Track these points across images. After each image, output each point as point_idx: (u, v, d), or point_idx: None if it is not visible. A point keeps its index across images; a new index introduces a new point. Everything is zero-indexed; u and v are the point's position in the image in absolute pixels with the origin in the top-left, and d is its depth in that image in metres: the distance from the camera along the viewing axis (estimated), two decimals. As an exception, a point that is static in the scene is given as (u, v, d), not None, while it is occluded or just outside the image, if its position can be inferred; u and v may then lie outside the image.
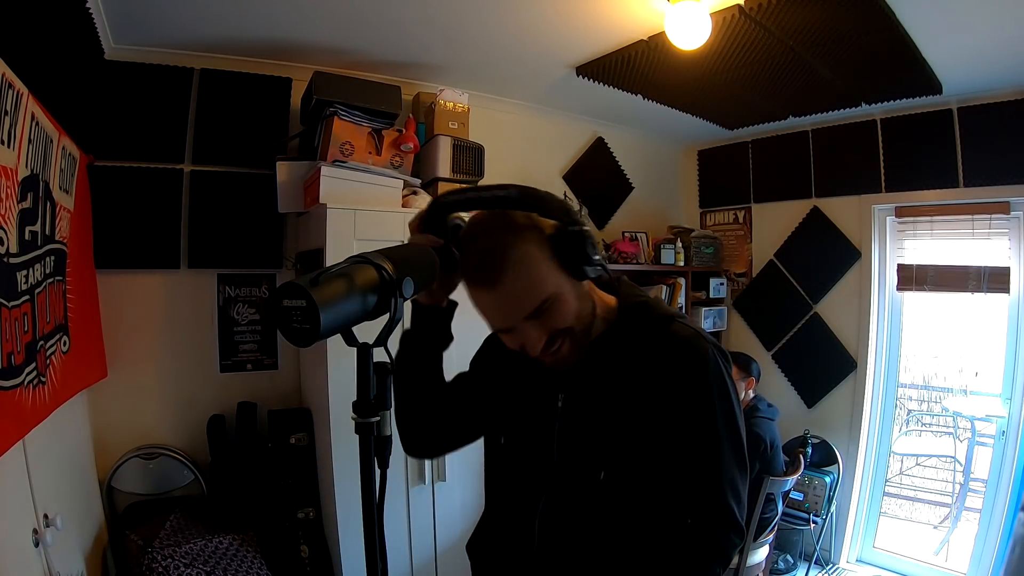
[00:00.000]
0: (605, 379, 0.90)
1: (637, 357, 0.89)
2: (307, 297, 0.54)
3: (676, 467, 0.86)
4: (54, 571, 1.38)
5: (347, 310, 0.58)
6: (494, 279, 0.81)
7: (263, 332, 2.37)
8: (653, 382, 0.87)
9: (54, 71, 1.47)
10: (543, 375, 0.94)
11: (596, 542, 0.89)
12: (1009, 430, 2.67)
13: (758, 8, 1.83)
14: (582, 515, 0.90)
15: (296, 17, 1.98)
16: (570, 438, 0.92)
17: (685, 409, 0.86)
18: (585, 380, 0.92)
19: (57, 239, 1.53)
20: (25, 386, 1.23)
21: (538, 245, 0.83)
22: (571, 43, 2.23)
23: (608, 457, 0.88)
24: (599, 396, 0.91)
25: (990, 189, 2.67)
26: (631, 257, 3.12)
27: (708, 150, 3.81)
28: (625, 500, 0.88)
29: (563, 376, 0.93)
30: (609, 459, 0.88)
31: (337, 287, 0.58)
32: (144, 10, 1.87)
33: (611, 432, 0.89)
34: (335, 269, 0.60)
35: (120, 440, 2.11)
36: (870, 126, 3.01)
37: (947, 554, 2.98)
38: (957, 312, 3.04)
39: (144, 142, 2.15)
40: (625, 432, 0.88)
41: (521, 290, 0.81)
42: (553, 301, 0.83)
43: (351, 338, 0.62)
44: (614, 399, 0.89)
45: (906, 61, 2.24)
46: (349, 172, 2.03)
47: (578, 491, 0.90)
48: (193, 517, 1.99)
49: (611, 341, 0.91)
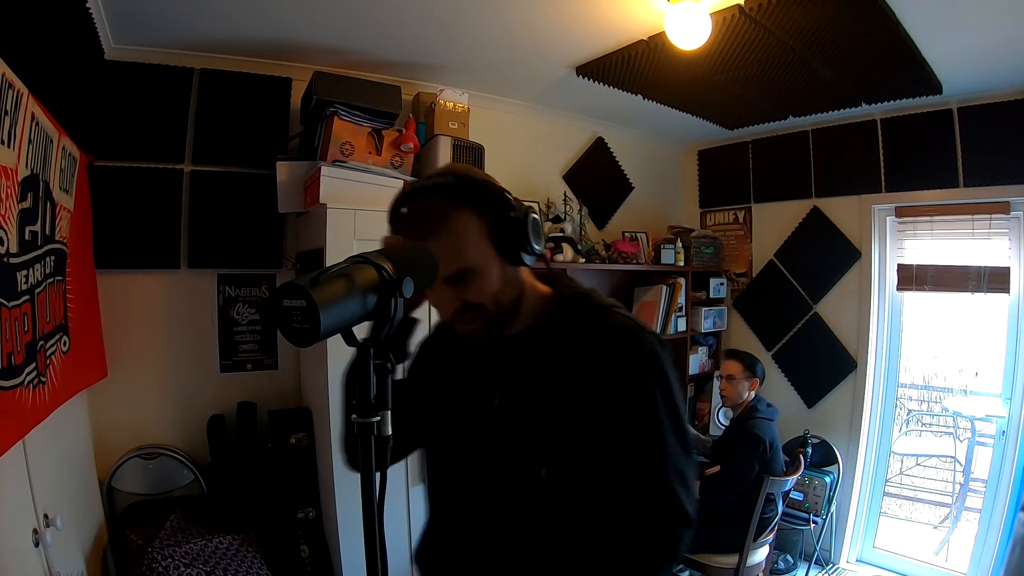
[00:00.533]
0: (541, 372, 0.89)
1: (574, 348, 0.87)
2: (307, 297, 0.54)
3: (619, 458, 0.85)
4: (54, 571, 1.38)
5: (347, 310, 0.58)
6: (423, 235, 0.82)
7: (263, 332, 2.37)
8: (591, 373, 0.85)
9: (54, 71, 1.47)
10: (478, 375, 0.94)
11: (541, 542, 0.87)
12: (1009, 430, 2.67)
13: (758, 8, 1.83)
14: (525, 515, 0.88)
15: (296, 17, 1.98)
16: (509, 436, 0.90)
17: (625, 398, 0.84)
18: (521, 376, 0.90)
19: (57, 239, 1.53)
20: (25, 386, 1.23)
21: (475, 218, 0.84)
22: (571, 43, 2.23)
23: (548, 453, 0.86)
24: (536, 390, 0.89)
25: (990, 189, 2.67)
26: (631, 257, 3.12)
27: (708, 150, 3.80)
28: (568, 496, 0.86)
29: (499, 373, 0.92)
30: (550, 455, 0.86)
31: (337, 287, 0.58)
32: (144, 10, 1.87)
33: (550, 427, 0.86)
34: (335, 269, 0.60)
35: (120, 440, 2.11)
36: (870, 126, 3.01)
37: (947, 554, 2.98)
38: (957, 312, 3.04)
39: (144, 142, 2.15)
40: (565, 426, 0.86)
41: (444, 251, 0.81)
42: (473, 273, 0.84)
43: (351, 338, 0.62)
44: (552, 392, 0.87)
45: (906, 61, 2.24)
46: (349, 172, 2.03)
47: (520, 490, 0.88)
48: (193, 517, 1.99)
49: (546, 332, 0.90)
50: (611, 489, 0.85)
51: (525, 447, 0.88)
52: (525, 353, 0.90)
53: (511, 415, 0.90)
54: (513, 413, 0.90)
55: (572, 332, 0.88)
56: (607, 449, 0.85)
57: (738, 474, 2.43)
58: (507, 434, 0.90)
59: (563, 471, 0.85)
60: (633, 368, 0.85)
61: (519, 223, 0.85)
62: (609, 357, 0.85)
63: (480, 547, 0.92)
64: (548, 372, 0.88)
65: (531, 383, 0.89)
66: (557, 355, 0.88)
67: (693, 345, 3.48)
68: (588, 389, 0.85)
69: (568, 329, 0.89)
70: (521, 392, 0.90)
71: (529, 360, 0.90)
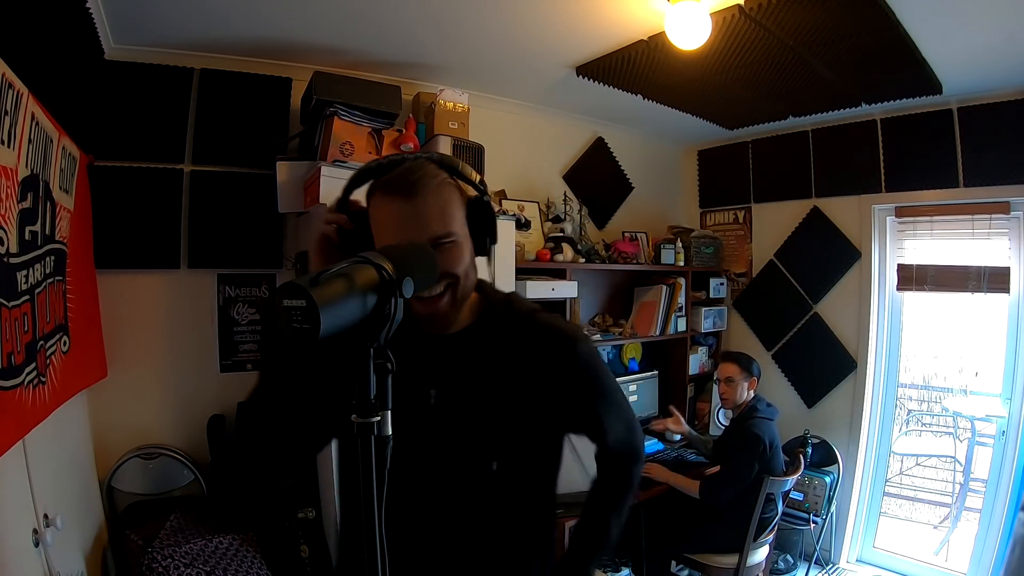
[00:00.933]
0: (482, 370, 0.92)
1: (510, 346, 0.93)
2: (307, 297, 0.54)
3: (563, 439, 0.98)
4: (54, 571, 1.38)
5: (347, 310, 0.58)
6: (414, 191, 0.83)
7: (263, 332, 2.37)
8: (530, 366, 0.93)
9: (54, 71, 1.47)
10: (411, 373, 0.86)
11: (491, 531, 0.92)
12: (1009, 430, 2.67)
13: (758, 8, 1.83)
14: (473, 508, 0.91)
15: (296, 17, 1.98)
16: (449, 433, 0.91)
17: (566, 383, 0.94)
18: (460, 374, 0.92)
19: (57, 239, 1.53)
20: (25, 386, 1.23)
21: (458, 194, 0.89)
22: (571, 43, 2.23)
23: (498, 446, 0.91)
24: (475, 387, 0.91)
25: (990, 189, 2.67)
26: (631, 257, 3.12)
27: (708, 150, 3.81)
28: (519, 483, 0.93)
29: (434, 371, 0.92)
30: (499, 448, 0.91)
31: (337, 287, 0.58)
32: (144, 10, 1.87)
33: (496, 421, 0.91)
34: (335, 269, 0.60)
35: (120, 440, 2.11)
36: (870, 126, 3.01)
37: (947, 554, 2.98)
38: (957, 312, 3.04)
39: (144, 142, 2.15)
40: (510, 418, 0.91)
41: (435, 210, 0.84)
42: (455, 241, 0.86)
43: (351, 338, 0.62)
44: (492, 389, 0.91)
45: (906, 61, 2.24)
46: (349, 172, 2.01)
47: (467, 486, 0.91)
48: (193, 517, 1.99)
49: (481, 332, 0.94)
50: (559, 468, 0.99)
51: (473, 443, 0.91)
52: (463, 352, 0.93)
53: (449, 412, 0.91)
54: (451, 410, 0.91)
55: (507, 331, 0.94)
56: (553, 437, 0.98)
57: (737, 474, 2.43)
58: (448, 431, 0.91)
59: (514, 462, 0.92)
60: (568, 356, 0.95)
61: (491, 211, 0.90)
62: (545, 350, 0.94)
63: (423, 549, 0.90)
64: (486, 369, 0.92)
65: (473, 381, 0.92)
66: (494, 353, 0.93)
67: (693, 345, 3.48)
68: (529, 381, 0.92)
69: (503, 329, 0.94)
70: (461, 390, 0.91)
71: (467, 359, 0.92)
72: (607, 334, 3.04)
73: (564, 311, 2.72)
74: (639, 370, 3.28)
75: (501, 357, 0.93)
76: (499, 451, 0.91)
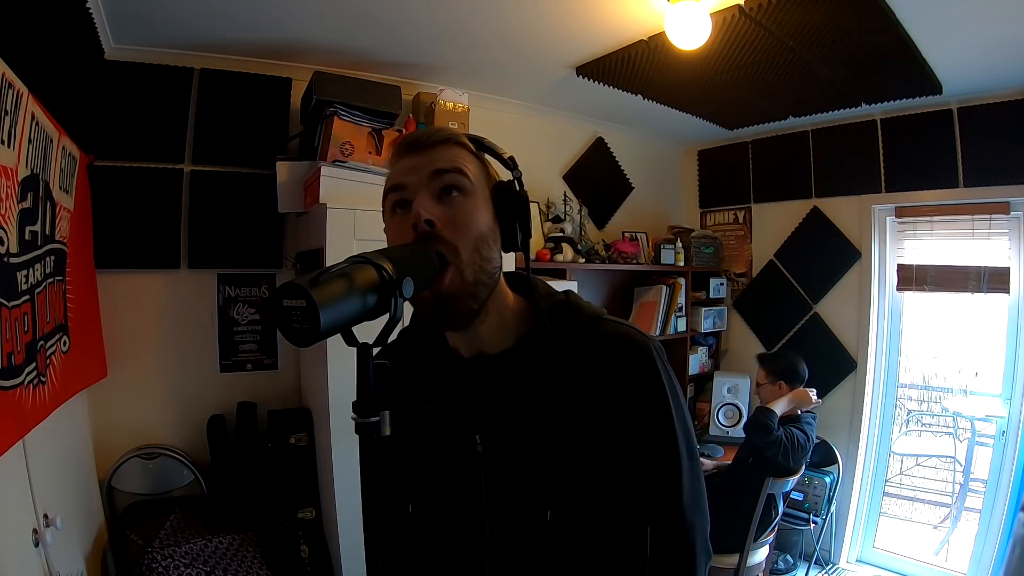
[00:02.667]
0: (532, 402, 0.74)
1: (568, 367, 0.75)
2: (307, 297, 0.54)
3: (633, 485, 0.74)
4: (54, 571, 1.38)
5: (347, 310, 0.58)
6: (427, 145, 0.74)
7: (263, 332, 2.37)
8: (594, 393, 0.74)
9: (54, 71, 1.47)
10: (451, 419, 0.78)
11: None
12: (1009, 430, 2.67)
13: (758, 8, 1.83)
14: (532, 567, 0.74)
15: (296, 17, 1.98)
16: (500, 483, 0.75)
17: (638, 416, 0.74)
18: (508, 409, 0.75)
19: (57, 239, 1.53)
20: (25, 386, 1.23)
21: (483, 170, 0.77)
22: (571, 43, 2.23)
23: (552, 492, 0.73)
24: (526, 424, 0.74)
25: (990, 189, 2.68)
26: (631, 257, 3.12)
27: (708, 150, 3.81)
28: (577, 537, 0.74)
29: (475, 410, 0.77)
30: (554, 494, 0.73)
31: (337, 287, 0.58)
32: (144, 10, 1.87)
33: (550, 463, 0.74)
34: (335, 269, 0.60)
35: (120, 440, 2.11)
36: (870, 126, 3.01)
37: (947, 554, 2.98)
38: (957, 312, 3.04)
39: (144, 142, 2.15)
40: (567, 458, 0.73)
41: (444, 157, 0.73)
42: (465, 188, 0.72)
43: (351, 338, 0.62)
44: (546, 423, 0.74)
45: (906, 61, 2.24)
46: (349, 172, 2.03)
47: (523, 541, 0.74)
48: (193, 517, 1.99)
49: (531, 351, 0.76)
50: (627, 524, 0.75)
51: (522, 492, 0.74)
52: (509, 380, 0.76)
53: (499, 458, 0.75)
54: (501, 456, 0.75)
55: (564, 352, 0.76)
56: (619, 474, 0.74)
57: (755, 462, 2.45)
58: (498, 481, 0.75)
59: (570, 509, 0.73)
60: (643, 381, 0.75)
61: (523, 195, 0.75)
62: (613, 372, 0.75)
63: None
64: (543, 401, 0.74)
65: (524, 419, 0.74)
66: (551, 379, 0.75)
67: (693, 345, 3.48)
68: (592, 412, 0.74)
69: (560, 345, 0.76)
70: (507, 430, 0.75)
71: (515, 389, 0.75)
72: (607, 334, 3.04)
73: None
74: (639, 370, 3.28)
75: (557, 382, 0.74)
76: (554, 497, 0.73)
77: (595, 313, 0.82)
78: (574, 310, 0.80)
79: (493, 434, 0.75)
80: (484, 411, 0.76)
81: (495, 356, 0.77)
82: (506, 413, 0.75)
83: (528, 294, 0.80)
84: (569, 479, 0.73)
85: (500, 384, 0.76)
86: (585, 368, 0.75)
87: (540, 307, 0.77)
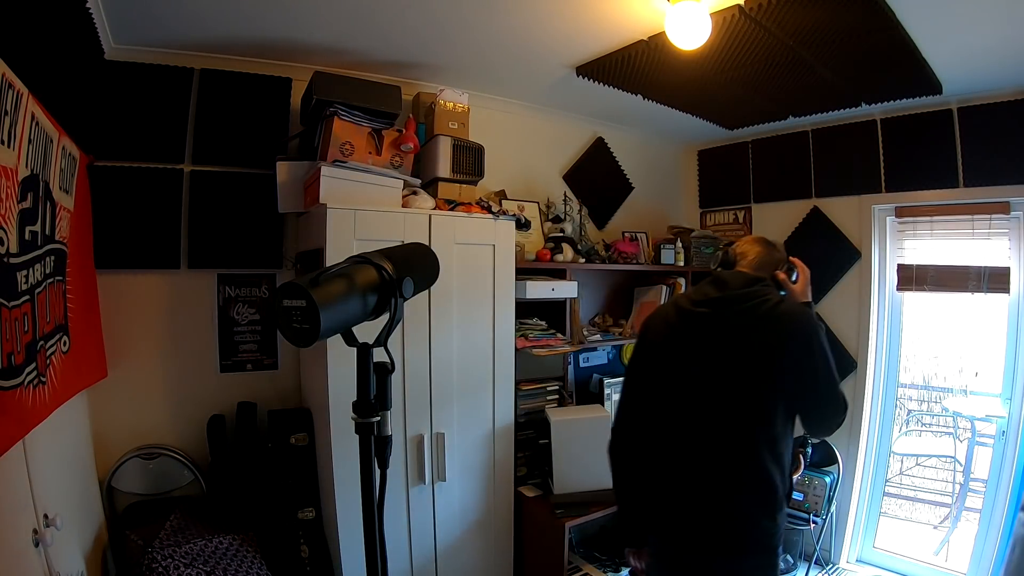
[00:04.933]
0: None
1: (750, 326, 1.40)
2: (307, 297, 0.54)
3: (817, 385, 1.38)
4: (54, 571, 1.38)
5: (347, 310, 0.58)
6: None
7: (263, 332, 2.37)
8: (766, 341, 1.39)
9: (54, 71, 1.47)
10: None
11: (734, 465, 1.39)
12: (1009, 430, 2.67)
13: (758, 8, 1.83)
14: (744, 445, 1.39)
15: (296, 17, 1.98)
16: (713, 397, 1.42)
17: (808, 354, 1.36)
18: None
19: (57, 239, 1.53)
20: (25, 386, 1.23)
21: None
22: (571, 43, 2.23)
23: (749, 399, 1.37)
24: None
25: (990, 189, 2.67)
26: (631, 257, 3.12)
27: (708, 150, 3.81)
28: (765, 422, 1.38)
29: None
30: (750, 401, 1.37)
31: (337, 287, 0.58)
32: (144, 10, 1.87)
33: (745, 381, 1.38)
34: (335, 269, 0.60)
35: (120, 440, 2.11)
36: (870, 126, 3.01)
37: (947, 554, 2.98)
38: (957, 312, 3.04)
39: (144, 142, 2.15)
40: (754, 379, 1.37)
41: None
42: None
43: (351, 338, 0.62)
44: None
45: (906, 61, 2.24)
46: (349, 172, 2.03)
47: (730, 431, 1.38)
48: (193, 517, 1.99)
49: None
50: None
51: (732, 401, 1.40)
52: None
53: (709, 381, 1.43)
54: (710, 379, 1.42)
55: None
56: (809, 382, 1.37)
57: None
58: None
59: (760, 408, 1.39)
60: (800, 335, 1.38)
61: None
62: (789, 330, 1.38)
63: (701, 476, 1.40)
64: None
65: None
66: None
67: (693, 345, 3.48)
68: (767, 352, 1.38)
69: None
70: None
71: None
72: (607, 334, 3.04)
73: (564, 311, 2.72)
74: (639, 370, 3.28)
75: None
76: (750, 403, 1.39)
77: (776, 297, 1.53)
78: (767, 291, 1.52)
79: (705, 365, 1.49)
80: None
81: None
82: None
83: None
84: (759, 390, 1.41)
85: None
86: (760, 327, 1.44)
87: None
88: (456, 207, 2.26)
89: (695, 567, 1.41)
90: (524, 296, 2.45)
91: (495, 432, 2.36)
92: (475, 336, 2.29)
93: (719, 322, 1.41)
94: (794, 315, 1.39)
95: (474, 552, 2.32)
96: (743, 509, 1.36)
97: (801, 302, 1.55)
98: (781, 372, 1.34)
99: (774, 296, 1.43)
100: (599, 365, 3.21)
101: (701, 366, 1.42)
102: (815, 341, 1.35)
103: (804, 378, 1.35)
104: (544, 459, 2.53)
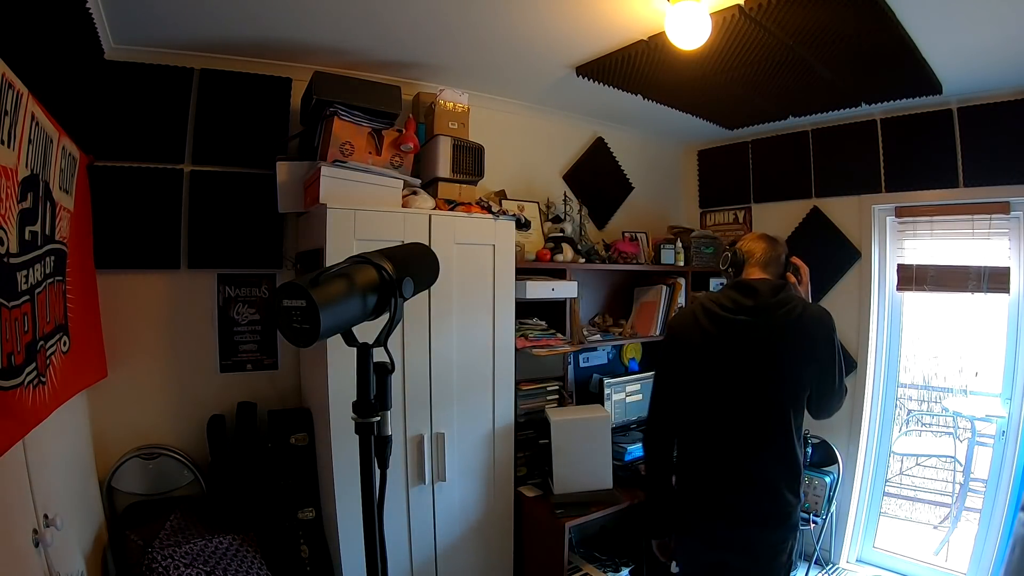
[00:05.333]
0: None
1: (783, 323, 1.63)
2: (307, 297, 0.54)
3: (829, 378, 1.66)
4: (54, 571, 1.38)
5: (347, 310, 0.58)
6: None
7: (263, 332, 2.37)
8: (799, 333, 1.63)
9: (54, 71, 1.47)
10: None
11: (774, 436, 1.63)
12: (1009, 430, 2.67)
13: (758, 8, 1.83)
14: (772, 421, 1.64)
15: (296, 17, 1.98)
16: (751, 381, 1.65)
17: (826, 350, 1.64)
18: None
19: (57, 239, 1.53)
20: (25, 386, 1.23)
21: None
22: (571, 43, 2.23)
23: (786, 384, 1.63)
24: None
25: (990, 189, 2.67)
26: (631, 257, 3.12)
27: (708, 150, 3.81)
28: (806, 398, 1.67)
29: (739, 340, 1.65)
30: (787, 386, 1.63)
31: (337, 287, 0.58)
32: (144, 10, 1.87)
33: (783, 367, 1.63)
34: (335, 269, 0.60)
35: (120, 440, 2.11)
36: (870, 126, 3.01)
37: (947, 554, 2.98)
38: (957, 312, 3.04)
39: (144, 142, 2.15)
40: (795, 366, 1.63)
41: None
42: None
43: (351, 338, 0.62)
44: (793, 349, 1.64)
45: (906, 61, 2.24)
46: (349, 172, 2.03)
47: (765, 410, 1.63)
48: (193, 517, 1.99)
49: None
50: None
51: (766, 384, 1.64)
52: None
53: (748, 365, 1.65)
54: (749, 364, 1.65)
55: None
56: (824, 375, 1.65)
57: None
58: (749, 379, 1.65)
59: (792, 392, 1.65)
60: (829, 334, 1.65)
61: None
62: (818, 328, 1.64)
63: (747, 445, 1.64)
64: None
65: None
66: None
67: (693, 345, 3.48)
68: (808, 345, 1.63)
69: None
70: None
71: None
72: (607, 334, 3.04)
73: (564, 311, 2.72)
74: (639, 370, 3.27)
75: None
76: (787, 387, 1.65)
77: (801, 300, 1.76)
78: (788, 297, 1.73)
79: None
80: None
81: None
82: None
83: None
84: (795, 378, 1.67)
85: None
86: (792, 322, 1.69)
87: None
88: (456, 207, 2.26)
89: (729, 539, 1.64)
90: (524, 296, 2.45)
91: (495, 432, 2.36)
92: (475, 336, 2.29)
93: (759, 328, 1.64)
94: (821, 318, 1.66)
95: (474, 552, 2.32)
96: (774, 482, 1.62)
97: (818, 304, 1.78)
98: (812, 365, 1.63)
99: (799, 302, 1.67)
100: (599, 365, 3.21)
101: (747, 365, 1.65)
102: (835, 339, 1.65)
103: (828, 370, 1.64)
104: (544, 459, 2.53)
